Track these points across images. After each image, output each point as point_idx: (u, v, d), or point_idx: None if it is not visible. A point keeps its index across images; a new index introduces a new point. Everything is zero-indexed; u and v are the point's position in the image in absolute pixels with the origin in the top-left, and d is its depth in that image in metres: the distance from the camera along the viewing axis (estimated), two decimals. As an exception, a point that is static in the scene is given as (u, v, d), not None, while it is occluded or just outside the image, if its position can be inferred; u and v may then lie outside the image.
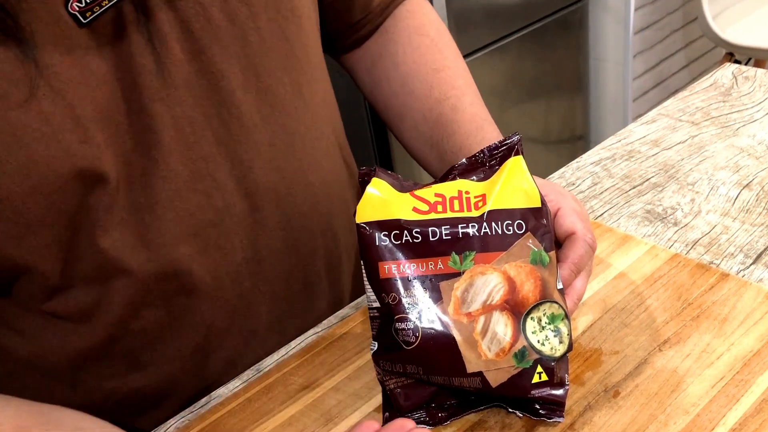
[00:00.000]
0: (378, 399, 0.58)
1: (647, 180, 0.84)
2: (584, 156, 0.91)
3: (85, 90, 0.53)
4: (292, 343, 0.69)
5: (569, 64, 2.33)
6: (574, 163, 0.89)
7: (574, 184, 0.85)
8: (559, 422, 0.53)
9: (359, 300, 0.73)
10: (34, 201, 0.53)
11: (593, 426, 0.53)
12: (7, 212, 0.53)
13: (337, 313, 0.72)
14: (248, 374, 0.67)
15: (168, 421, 0.63)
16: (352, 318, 0.68)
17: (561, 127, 2.41)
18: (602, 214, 0.79)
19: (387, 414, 0.55)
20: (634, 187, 0.83)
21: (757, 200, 0.77)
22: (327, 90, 0.74)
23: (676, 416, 0.52)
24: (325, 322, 0.71)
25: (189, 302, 0.64)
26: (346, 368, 0.62)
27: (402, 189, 0.55)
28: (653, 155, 0.88)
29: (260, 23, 0.61)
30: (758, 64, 2.27)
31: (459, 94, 0.74)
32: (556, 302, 0.51)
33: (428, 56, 0.77)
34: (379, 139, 1.90)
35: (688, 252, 0.71)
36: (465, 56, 1.98)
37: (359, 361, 0.62)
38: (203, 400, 0.65)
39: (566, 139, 2.44)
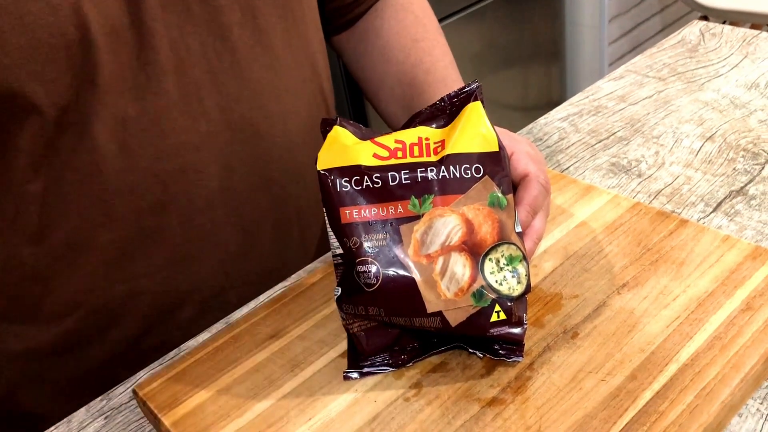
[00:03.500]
0: (343, 345, 0.59)
1: (613, 134, 0.85)
2: (552, 112, 0.91)
3: None
4: (261, 297, 0.70)
5: (545, 29, 2.33)
6: (542, 120, 0.90)
7: (541, 139, 0.86)
8: (519, 362, 0.54)
9: (327, 255, 0.74)
10: (30, 87, 0.55)
11: (552, 365, 0.54)
12: None
13: (306, 267, 0.73)
14: (217, 327, 0.67)
15: (138, 373, 0.64)
16: (320, 270, 0.69)
17: (537, 92, 2.41)
18: (568, 167, 0.80)
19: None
20: (600, 141, 0.84)
21: (719, 152, 0.78)
22: (318, 51, 0.76)
23: (631, 354, 0.54)
24: (293, 276, 0.72)
25: (160, 221, 0.66)
26: (313, 317, 0.63)
27: (363, 137, 0.55)
28: (620, 110, 0.89)
29: None
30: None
31: (434, 60, 0.77)
32: (514, 244, 0.52)
33: (410, 29, 0.80)
34: (354, 102, 1.90)
35: (650, 202, 0.72)
36: (440, 20, 1.98)
37: (326, 310, 0.63)
38: (172, 353, 0.66)
39: (543, 104, 2.45)
